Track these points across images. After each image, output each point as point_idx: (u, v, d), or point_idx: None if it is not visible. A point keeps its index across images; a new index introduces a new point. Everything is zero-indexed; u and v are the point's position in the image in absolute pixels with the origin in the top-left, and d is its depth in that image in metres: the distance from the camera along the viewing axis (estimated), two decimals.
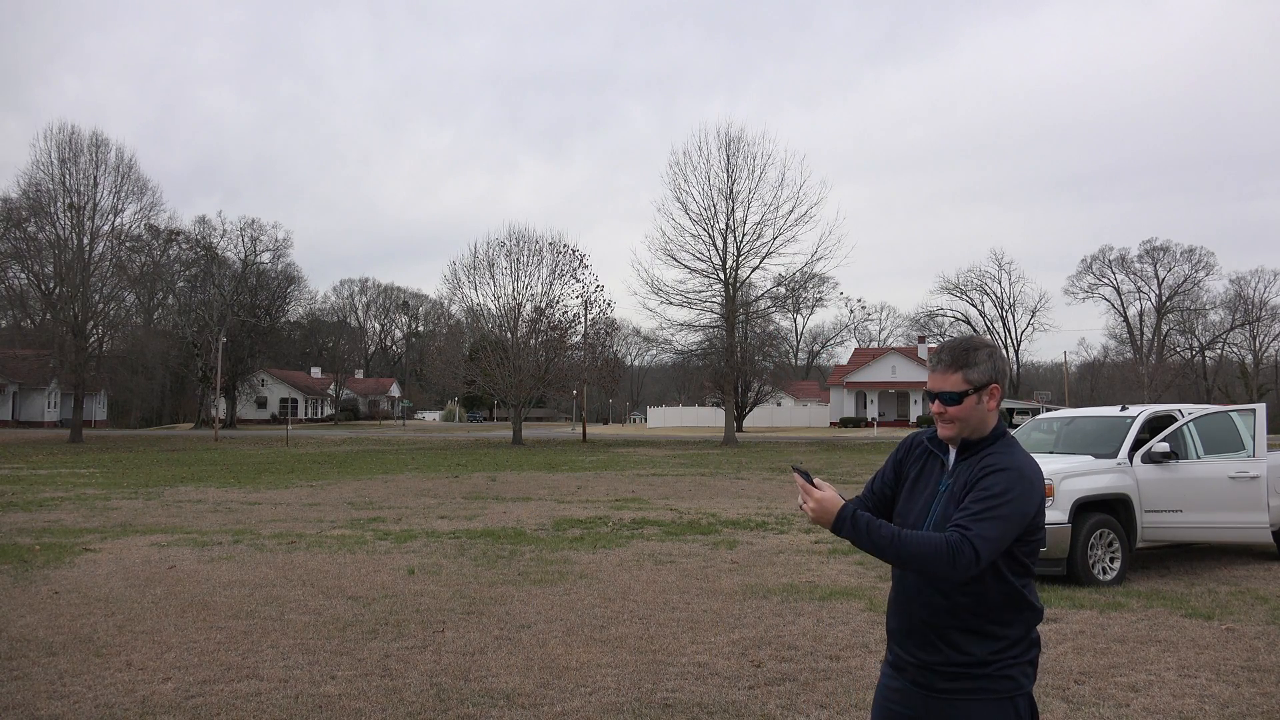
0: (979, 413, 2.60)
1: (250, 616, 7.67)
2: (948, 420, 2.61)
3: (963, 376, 2.58)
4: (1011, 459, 2.55)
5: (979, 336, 2.72)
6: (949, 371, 2.60)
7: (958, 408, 2.58)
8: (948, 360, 2.61)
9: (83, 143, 50.29)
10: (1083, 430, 10.72)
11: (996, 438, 2.63)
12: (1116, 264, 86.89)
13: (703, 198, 48.09)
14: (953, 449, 2.69)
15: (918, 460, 2.76)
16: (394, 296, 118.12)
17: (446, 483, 22.83)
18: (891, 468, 2.83)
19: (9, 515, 15.30)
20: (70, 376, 50.02)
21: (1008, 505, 2.45)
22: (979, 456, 2.59)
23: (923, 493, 2.67)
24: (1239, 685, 5.72)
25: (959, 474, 2.61)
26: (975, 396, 2.58)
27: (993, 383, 2.61)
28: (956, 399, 2.58)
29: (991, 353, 2.63)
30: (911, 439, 2.84)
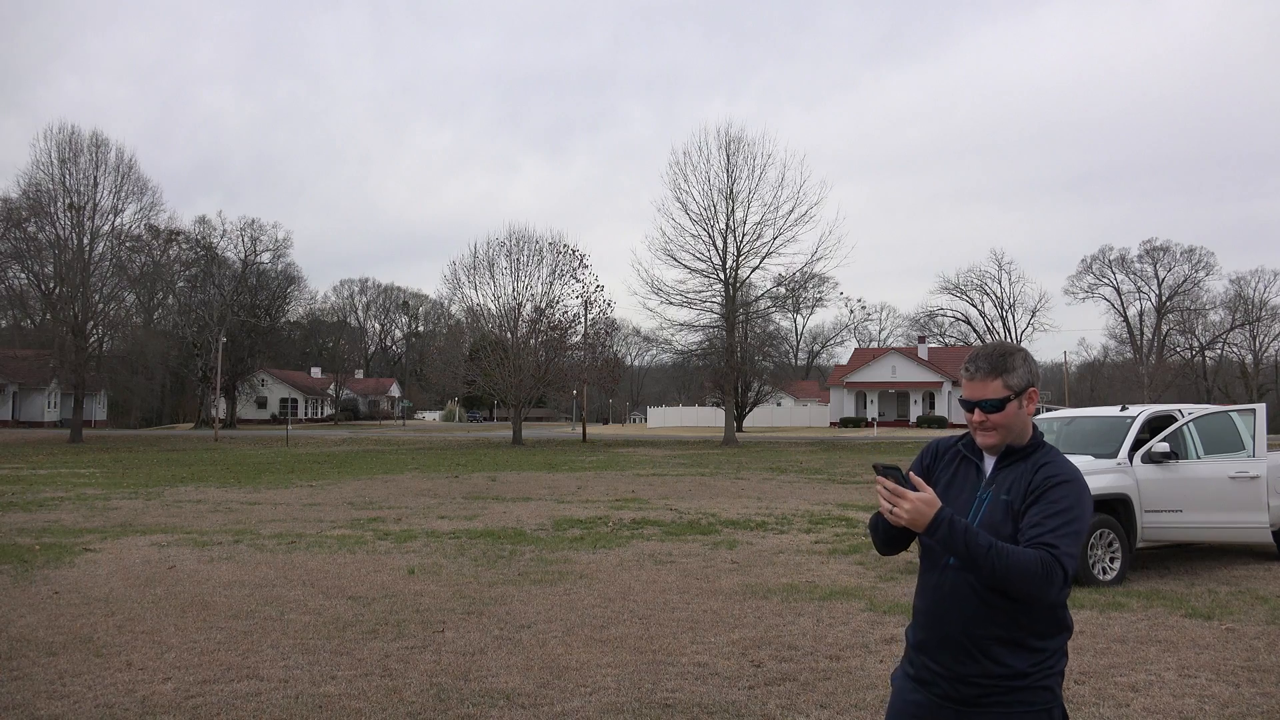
0: (1020, 418, 2.54)
1: (250, 616, 7.67)
2: (989, 429, 2.54)
3: (1003, 383, 2.52)
4: (1070, 468, 2.50)
5: (1009, 342, 2.70)
6: (988, 378, 2.53)
7: (1000, 414, 2.51)
8: (986, 367, 2.54)
9: (83, 143, 50.36)
10: (1083, 430, 10.72)
11: (1039, 444, 2.58)
12: (1116, 264, 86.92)
13: (703, 198, 48.13)
14: (988, 456, 2.62)
15: (949, 465, 2.69)
16: (394, 296, 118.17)
17: (446, 483, 22.83)
18: (921, 472, 2.74)
19: (9, 515, 15.30)
20: (70, 376, 50.03)
21: (1081, 520, 2.42)
22: (1030, 465, 2.52)
23: (958, 498, 2.58)
24: (1239, 685, 5.73)
25: (1002, 482, 2.54)
26: (1016, 402, 2.52)
27: (1030, 386, 2.56)
28: (999, 405, 2.51)
29: (1026, 357, 2.57)
30: (939, 444, 2.77)
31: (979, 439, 2.58)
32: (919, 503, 2.35)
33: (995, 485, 2.54)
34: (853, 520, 14.52)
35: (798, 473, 26.67)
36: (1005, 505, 2.48)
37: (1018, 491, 2.48)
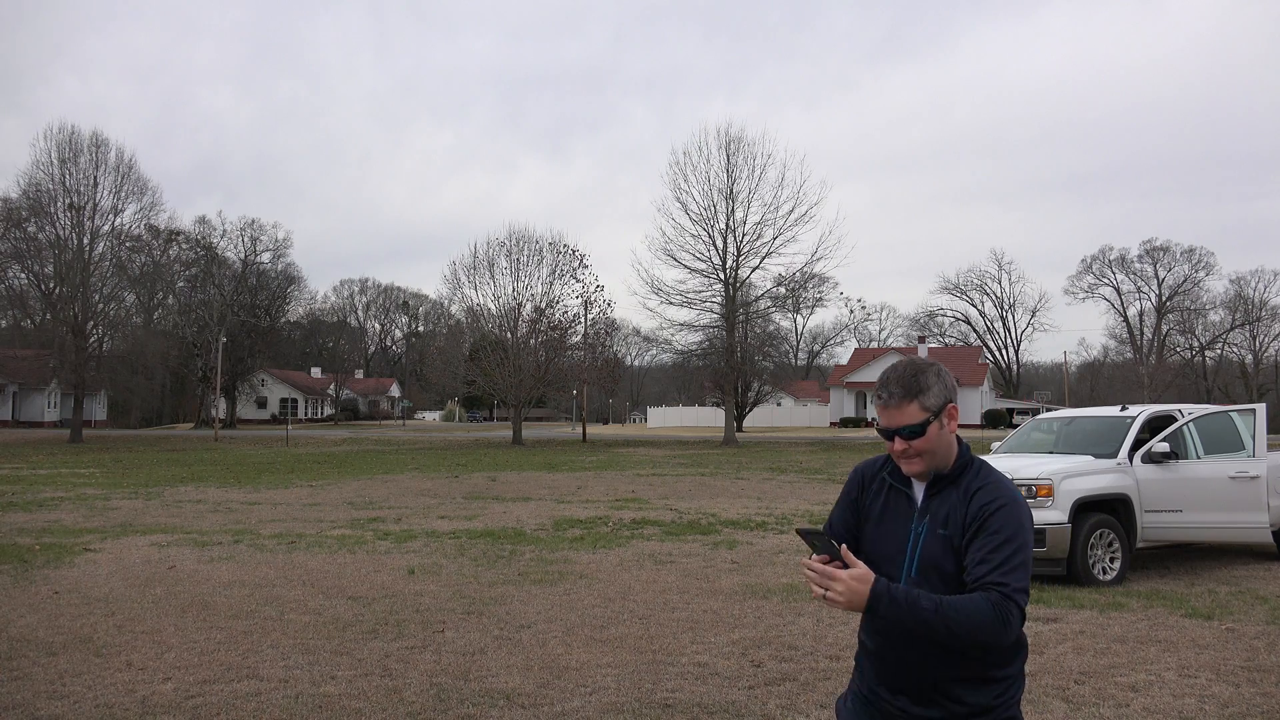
0: (944, 440, 2.38)
1: (250, 616, 7.67)
2: (913, 456, 2.37)
3: (919, 405, 2.35)
4: (1004, 489, 2.36)
5: (920, 359, 2.48)
6: (904, 402, 2.36)
7: (922, 440, 2.35)
8: (899, 392, 2.37)
9: (83, 143, 50.35)
10: (1083, 430, 10.72)
11: (967, 463, 2.42)
12: (1116, 264, 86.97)
13: (703, 198, 48.12)
14: (916, 483, 2.46)
15: (877, 495, 2.51)
16: (394, 296, 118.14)
17: (446, 483, 22.83)
18: (849, 506, 2.59)
19: (9, 515, 15.30)
20: (70, 376, 50.03)
21: (1026, 546, 2.29)
22: (963, 492, 2.37)
23: (892, 534, 2.43)
24: (1239, 685, 5.72)
25: (936, 513, 2.38)
26: (936, 423, 2.36)
27: (949, 403, 2.39)
28: (919, 430, 2.35)
29: (939, 372, 2.41)
30: (864, 470, 2.60)
31: (903, 467, 2.42)
32: (852, 582, 2.20)
33: (929, 516, 2.39)
34: None
35: (798, 473, 26.67)
36: (944, 540, 2.34)
37: (955, 525, 2.33)
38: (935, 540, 2.34)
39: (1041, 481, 9.06)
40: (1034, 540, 2.38)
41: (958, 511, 2.34)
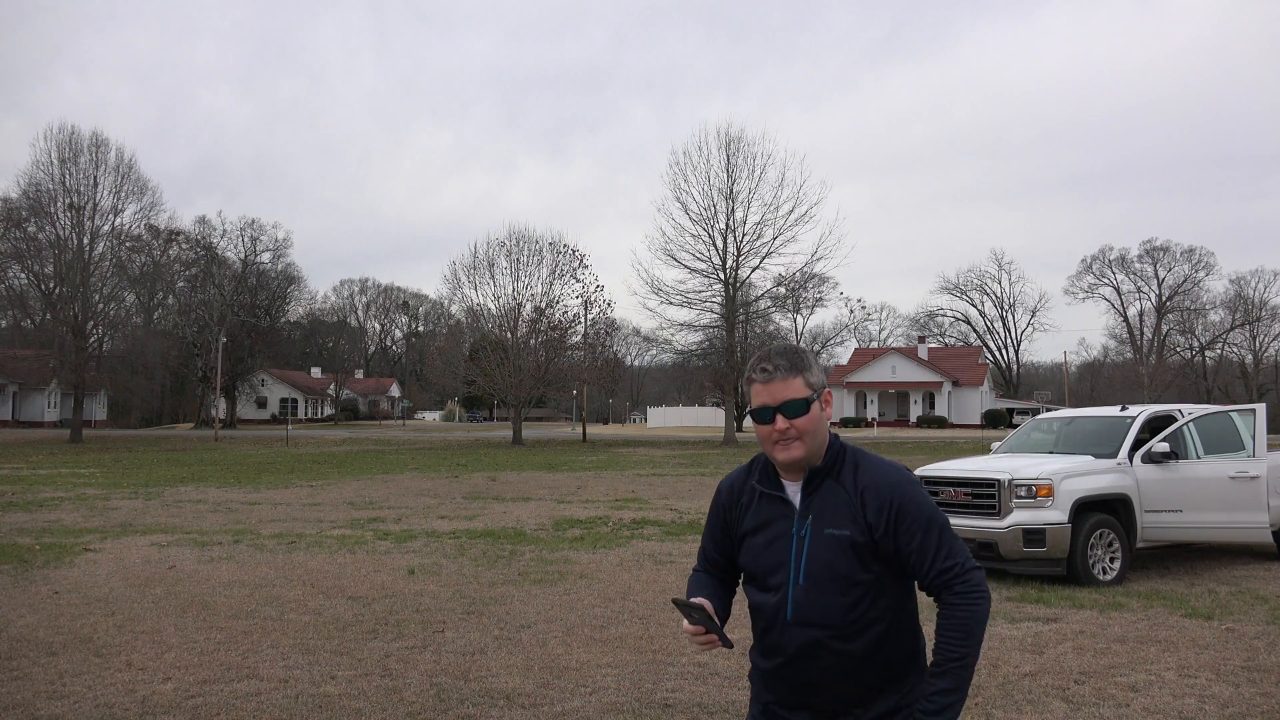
0: (822, 425, 2.23)
1: (250, 616, 7.67)
2: (793, 438, 2.19)
3: (804, 380, 2.20)
4: (891, 470, 2.24)
5: (793, 343, 2.51)
6: (789, 376, 2.19)
7: (805, 419, 2.18)
8: (785, 365, 2.20)
9: (83, 143, 50.36)
10: (1083, 430, 10.72)
11: (838, 450, 2.27)
12: (1116, 264, 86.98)
13: (703, 198, 48.15)
14: (789, 483, 2.28)
15: (749, 510, 2.33)
16: (394, 296, 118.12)
17: (446, 483, 22.83)
18: (719, 527, 2.43)
19: (9, 515, 15.30)
20: (70, 376, 50.02)
21: (938, 509, 2.22)
22: (847, 484, 2.22)
23: (773, 547, 2.25)
24: (1239, 685, 5.72)
25: (819, 512, 2.21)
26: (818, 403, 2.21)
27: (825, 387, 2.28)
28: (804, 407, 2.17)
29: (815, 357, 2.37)
30: (730, 484, 2.41)
31: (780, 454, 2.21)
32: None
33: (812, 517, 2.22)
34: None
35: None
36: (838, 543, 2.17)
37: (850, 521, 2.18)
38: (826, 543, 2.19)
39: (1041, 481, 9.05)
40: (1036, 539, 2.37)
41: (848, 507, 2.19)
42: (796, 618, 2.20)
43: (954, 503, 9.58)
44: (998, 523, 9.11)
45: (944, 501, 9.67)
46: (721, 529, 2.42)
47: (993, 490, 9.25)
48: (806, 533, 2.21)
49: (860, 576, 2.17)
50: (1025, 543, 8.93)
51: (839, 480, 2.23)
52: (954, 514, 9.54)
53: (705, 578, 2.49)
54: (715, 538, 2.45)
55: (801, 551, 2.21)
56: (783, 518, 2.26)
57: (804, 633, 2.20)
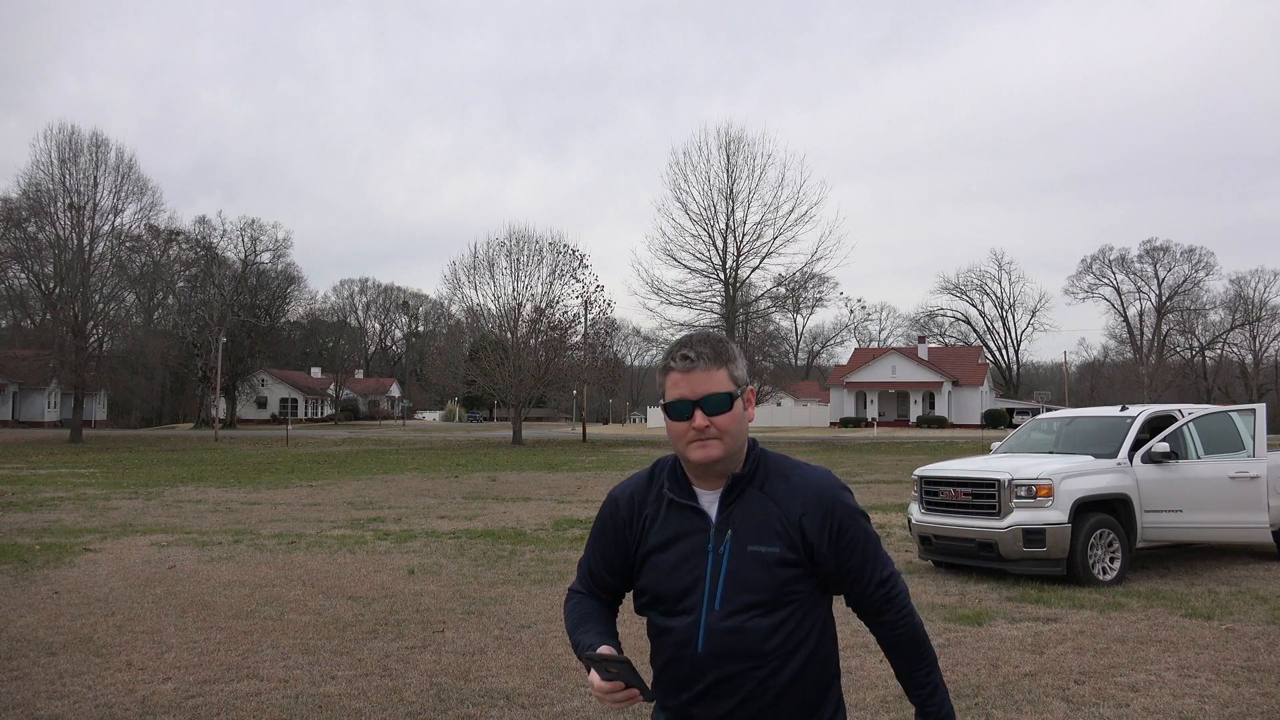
0: (744, 425, 1.97)
1: (250, 616, 7.67)
2: (713, 437, 1.92)
3: (728, 373, 1.95)
4: (822, 477, 2.01)
5: (717, 332, 2.11)
6: (712, 367, 1.93)
7: (728, 416, 1.92)
8: (709, 354, 1.93)
9: (83, 143, 50.36)
10: (1083, 430, 10.72)
11: (761, 455, 2.02)
12: (1116, 264, 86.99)
13: (703, 198, 48.22)
14: (704, 491, 2.00)
15: (655, 521, 2.03)
16: (394, 296, 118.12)
17: (446, 483, 22.83)
18: (610, 542, 2.10)
19: (9, 515, 15.30)
20: (70, 376, 50.01)
21: (870, 525, 2.04)
22: (773, 493, 1.97)
23: (685, 566, 1.96)
24: (1239, 685, 5.72)
25: (740, 525, 1.95)
26: (741, 401, 1.97)
27: (750, 384, 2.04)
28: (726, 403, 1.92)
29: (739, 350, 2.03)
30: (629, 492, 2.11)
31: (696, 454, 1.93)
32: None
33: (732, 531, 1.94)
34: None
35: None
36: (764, 561, 1.92)
37: (783, 537, 1.93)
38: (746, 561, 1.92)
39: (1041, 481, 9.05)
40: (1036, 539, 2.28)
41: (777, 520, 1.94)
42: (710, 648, 1.92)
43: (954, 503, 9.58)
44: (998, 523, 9.11)
45: (944, 501, 9.68)
46: (615, 546, 2.09)
47: (993, 490, 9.25)
48: (726, 549, 1.93)
49: (787, 598, 1.93)
50: (1025, 543, 8.93)
51: (764, 490, 1.98)
52: (954, 514, 9.55)
53: (593, 606, 2.16)
54: (607, 556, 2.11)
55: (719, 571, 1.93)
56: (696, 531, 1.97)
57: (718, 665, 1.92)
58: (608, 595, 2.19)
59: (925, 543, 9.86)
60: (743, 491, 1.98)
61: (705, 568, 1.94)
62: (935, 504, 9.78)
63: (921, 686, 2.02)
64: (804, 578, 1.95)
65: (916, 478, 10.16)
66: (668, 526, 2.00)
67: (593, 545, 2.16)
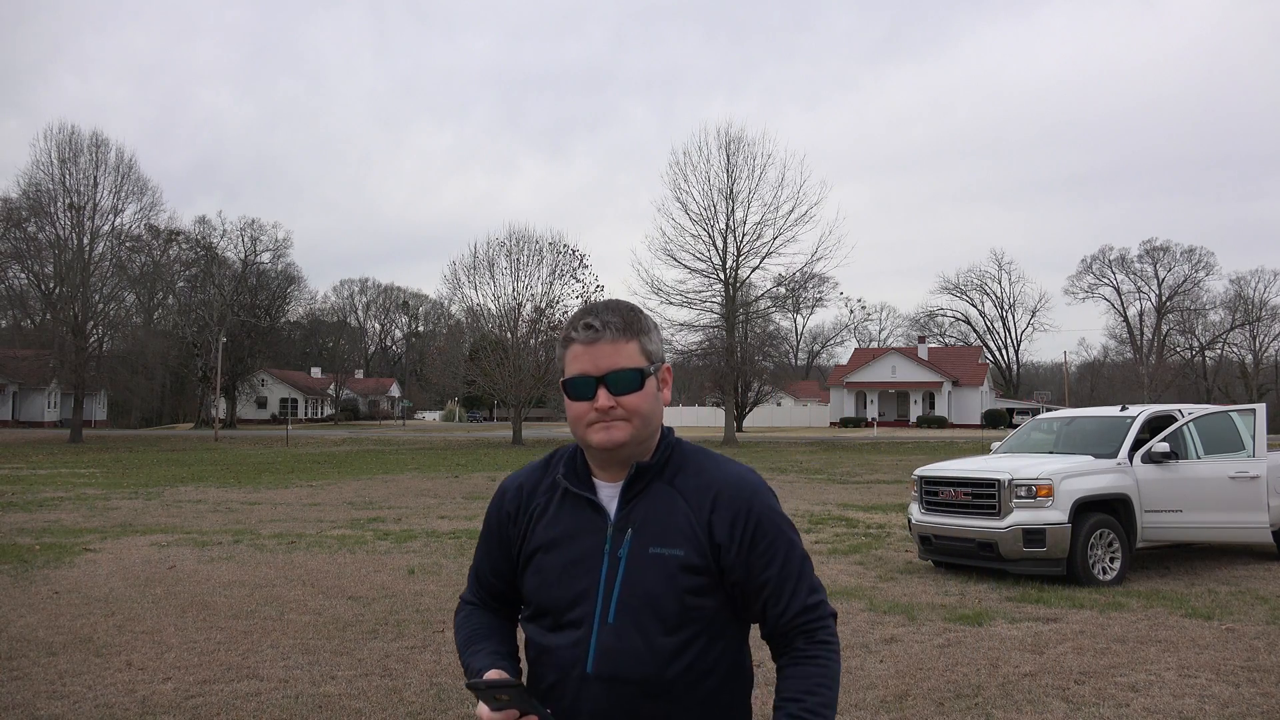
0: (657, 408, 1.72)
1: (250, 616, 7.67)
2: (620, 419, 1.66)
3: (639, 346, 1.69)
4: (740, 473, 1.75)
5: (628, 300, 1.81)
6: (620, 339, 1.67)
7: (638, 395, 1.66)
8: (617, 324, 1.67)
9: (83, 143, 50.36)
10: (1083, 430, 10.72)
11: (672, 447, 1.76)
12: (1116, 264, 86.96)
13: (703, 198, 48.14)
14: (604, 484, 1.73)
15: (546, 513, 1.76)
16: (394, 296, 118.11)
17: (447, 483, 22.84)
18: (497, 539, 1.83)
19: (9, 515, 15.30)
20: (70, 376, 50.02)
21: (797, 534, 1.76)
22: (685, 487, 1.71)
23: (575, 570, 1.69)
24: (1239, 685, 5.72)
25: (642, 523, 1.68)
26: (654, 379, 1.71)
27: (665, 361, 1.78)
28: (636, 380, 1.66)
29: (655, 323, 1.77)
30: (518, 482, 1.83)
31: (598, 437, 1.66)
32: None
33: (632, 531, 1.68)
34: (852, 520, 14.52)
35: (798, 473, 26.67)
36: (667, 566, 1.65)
37: (691, 539, 1.66)
38: (647, 565, 1.65)
39: (1041, 481, 9.06)
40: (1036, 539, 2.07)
41: (685, 519, 1.68)
42: (600, 669, 1.64)
43: (954, 503, 9.58)
44: (998, 523, 9.11)
45: (944, 501, 9.68)
46: (501, 545, 1.82)
47: (993, 490, 9.25)
48: (624, 551, 1.66)
49: (693, 613, 1.65)
50: (1025, 543, 8.93)
51: (673, 484, 1.71)
52: (954, 514, 9.55)
53: (486, 620, 1.87)
54: (493, 558, 1.84)
55: (615, 577, 1.65)
56: (592, 530, 1.70)
57: (610, 690, 1.63)
58: (502, 606, 1.88)
59: (925, 543, 9.86)
60: (649, 484, 1.71)
61: (599, 573, 1.66)
62: (935, 504, 9.78)
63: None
64: (712, 590, 1.67)
65: (916, 478, 10.17)
66: (558, 522, 1.73)
67: (481, 545, 1.89)
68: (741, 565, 1.67)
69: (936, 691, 5.59)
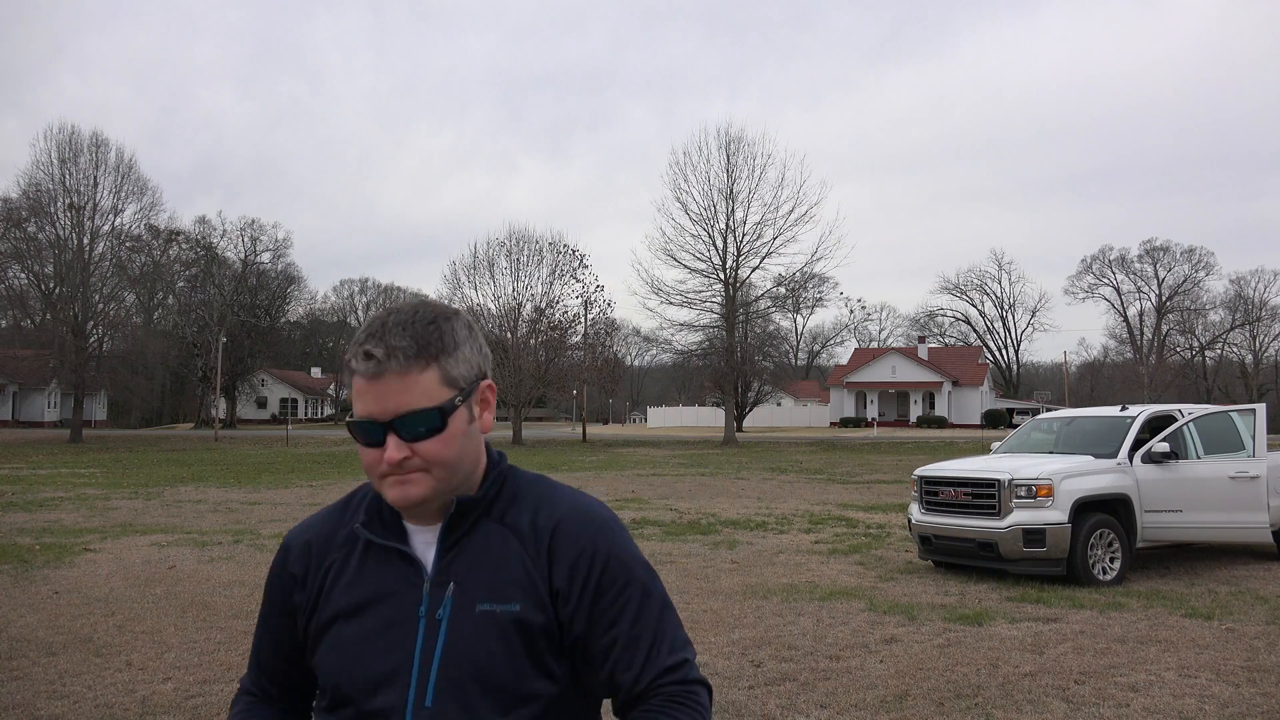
0: (472, 441, 1.35)
1: (250, 616, 7.66)
2: (415, 470, 1.29)
3: (440, 373, 1.30)
4: (586, 501, 1.43)
5: (430, 301, 1.41)
6: (412, 368, 1.28)
7: (438, 440, 1.29)
8: (406, 349, 1.28)
9: (83, 143, 50.38)
10: (1083, 430, 10.72)
11: (502, 478, 1.42)
12: (1116, 264, 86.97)
13: (703, 198, 48.20)
14: (417, 529, 1.38)
15: (338, 573, 1.40)
16: (394, 296, 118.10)
17: None
18: (280, 610, 1.45)
19: (9, 515, 15.30)
20: (70, 376, 50.02)
21: (658, 582, 1.42)
22: (518, 528, 1.37)
23: (382, 640, 1.33)
24: (1239, 685, 5.72)
25: (466, 576, 1.33)
26: (465, 410, 1.33)
27: (484, 378, 1.39)
28: (437, 420, 1.29)
29: (469, 325, 1.39)
30: (306, 537, 1.46)
31: (392, 494, 1.31)
32: None
33: (455, 585, 1.33)
34: (852, 520, 14.52)
35: (798, 473, 26.67)
36: (499, 626, 1.31)
37: (528, 589, 1.33)
38: (474, 627, 1.31)
39: (1041, 481, 9.06)
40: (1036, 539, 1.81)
41: (519, 564, 1.35)
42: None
43: (954, 503, 9.58)
44: (998, 523, 9.11)
45: (944, 501, 9.68)
46: (286, 616, 1.44)
47: (993, 490, 9.25)
48: (445, 611, 1.32)
49: (534, 684, 1.32)
50: (1025, 543, 8.93)
51: (504, 521, 1.38)
52: (954, 514, 9.55)
53: (266, 715, 1.49)
54: (276, 633, 1.47)
55: (434, 646, 1.30)
56: (403, 589, 1.35)
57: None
58: (289, 697, 1.50)
59: (925, 543, 9.86)
60: (474, 525, 1.37)
61: (414, 643, 1.31)
62: (935, 504, 9.78)
63: None
64: (558, 653, 1.35)
65: (916, 478, 10.17)
66: (361, 582, 1.37)
67: (261, 620, 1.50)
68: (583, 619, 1.34)
69: (936, 691, 5.59)
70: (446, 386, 1.31)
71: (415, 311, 1.34)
